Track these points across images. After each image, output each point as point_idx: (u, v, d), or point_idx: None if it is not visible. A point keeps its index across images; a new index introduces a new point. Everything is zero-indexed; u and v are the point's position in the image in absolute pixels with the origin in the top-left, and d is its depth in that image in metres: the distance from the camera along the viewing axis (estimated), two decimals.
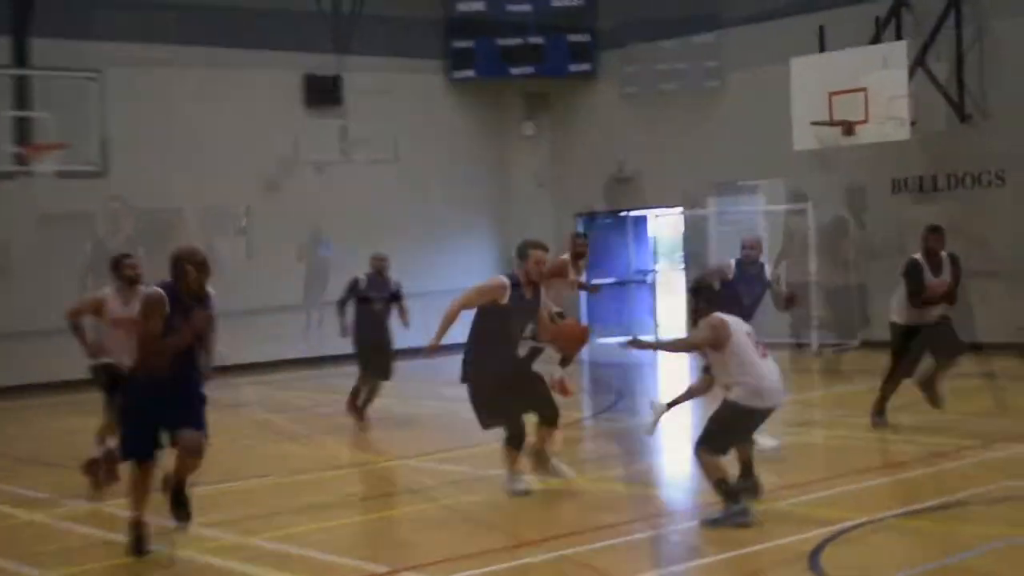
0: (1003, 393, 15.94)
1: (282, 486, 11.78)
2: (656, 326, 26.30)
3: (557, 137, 28.71)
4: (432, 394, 17.42)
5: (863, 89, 20.71)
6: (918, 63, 22.01)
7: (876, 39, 22.49)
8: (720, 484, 9.19)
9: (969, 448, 11.99)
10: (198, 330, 8.72)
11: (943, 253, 13.48)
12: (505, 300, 10.22)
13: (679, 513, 10.02)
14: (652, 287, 27.56)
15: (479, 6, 27.61)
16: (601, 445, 14.09)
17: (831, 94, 20.99)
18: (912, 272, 13.26)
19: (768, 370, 9.33)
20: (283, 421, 16.75)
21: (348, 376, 16.33)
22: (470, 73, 27.79)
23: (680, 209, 26.10)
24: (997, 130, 22.05)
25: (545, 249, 10.60)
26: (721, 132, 25.57)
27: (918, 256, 13.36)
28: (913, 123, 21.11)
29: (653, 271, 27.94)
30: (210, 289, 8.86)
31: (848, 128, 20.80)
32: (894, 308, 13.49)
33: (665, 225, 28.72)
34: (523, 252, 10.51)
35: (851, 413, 14.40)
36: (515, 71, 27.72)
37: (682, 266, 27.05)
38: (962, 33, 22.18)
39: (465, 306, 10.38)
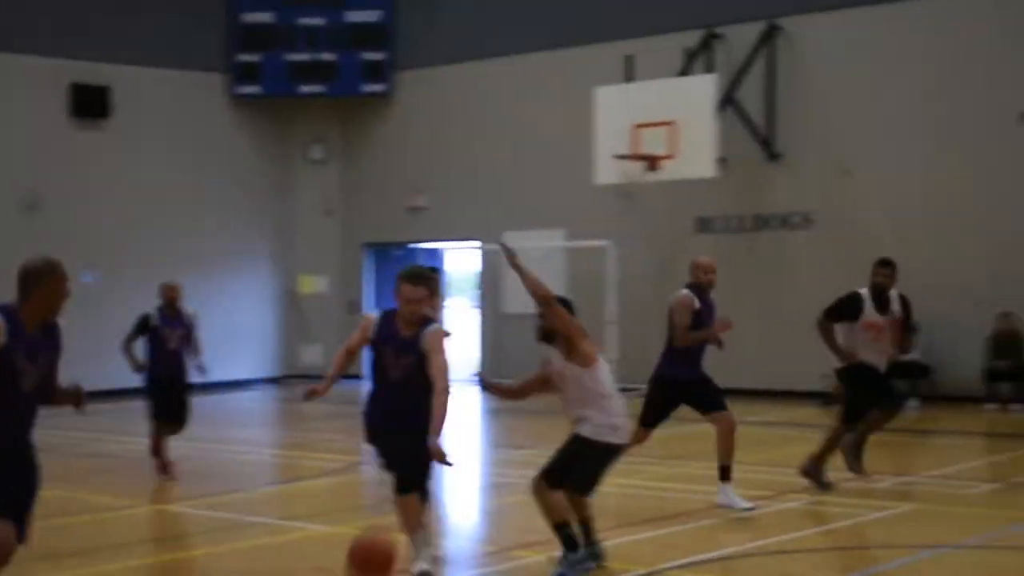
0: (803, 443, 16.52)
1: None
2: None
3: (348, 162, 28.83)
4: (201, 436, 17.33)
5: (670, 123, 21.32)
6: (728, 98, 22.76)
7: (685, 71, 23.19)
8: (561, 528, 9.21)
9: (760, 499, 12.46)
10: None
11: (893, 291, 13.00)
12: (371, 335, 9.36)
13: (461, 561, 10.21)
14: (443, 324, 27.81)
15: (267, 17, 27.61)
16: (381, 490, 14.20)
17: (636, 126, 21.56)
18: (847, 299, 12.92)
19: (622, 405, 9.42)
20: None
21: (109, 415, 16.12)
22: (255, 89, 27.76)
23: (476, 243, 26.43)
24: (807, 170, 22.90)
25: (417, 282, 9.28)
26: (521, 162, 26.02)
27: (863, 290, 12.93)
28: (721, 160, 21.83)
29: (444, 308, 28.19)
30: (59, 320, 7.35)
31: (653, 163, 21.36)
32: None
33: (460, 259, 29.04)
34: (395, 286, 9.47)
35: (645, 461, 14.78)
36: (304, 89, 27.78)
37: (476, 303, 27.34)
38: (775, 69, 23.01)
39: (348, 348, 9.59)
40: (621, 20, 24.67)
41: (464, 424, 22.05)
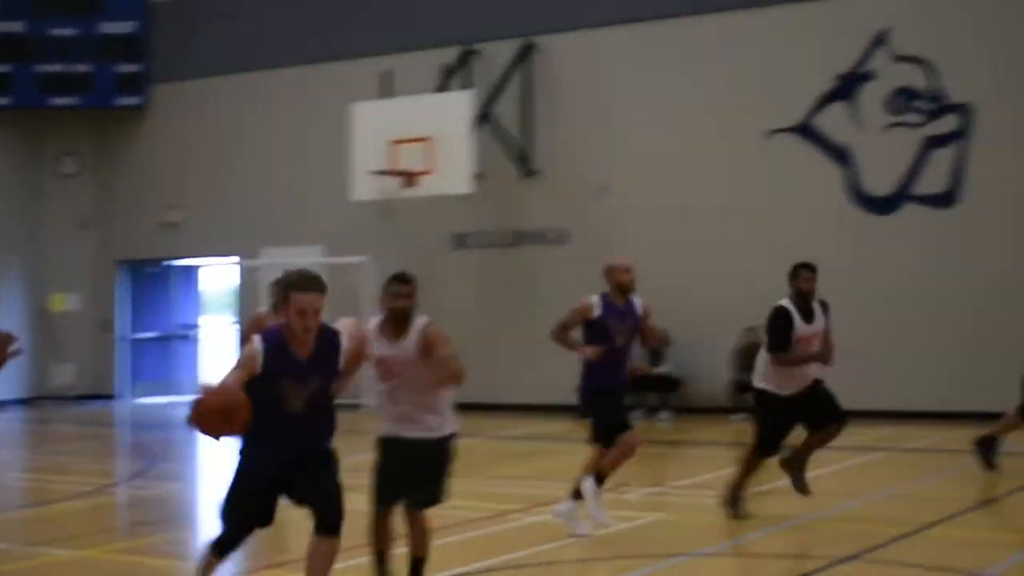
0: (557, 456, 16.82)
1: None
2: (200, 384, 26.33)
3: (102, 176, 28.33)
4: None
5: (427, 139, 21.52)
6: (485, 114, 23.05)
7: (443, 87, 23.41)
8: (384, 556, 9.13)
9: (511, 512, 12.64)
10: None
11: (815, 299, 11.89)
12: (259, 367, 7.60)
13: None
14: (197, 343, 27.61)
15: (17, 26, 27.02)
16: (133, 513, 14.04)
17: (393, 142, 21.70)
18: (776, 321, 11.71)
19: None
20: None
21: None
22: (5, 100, 27.16)
23: (234, 259, 26.22)
24: (563, 186, 23.30)
25: (308, 288, 7.57)
26: (278, 177, 25.94)
27: (785, 302, 11.79)
28: (478, 176, 22.09)
29: (199, 326, 27.99)
30: None
31: (410, 179, 21.52)
32: (759, 371, 12.05)
33: (216, 276, 28.83)
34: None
35: None
36: (56, 101, 27.23)
37: (234, 320, 27.11)
38: (531, 86, 23.37)
39: (234, 380, 7.58)
40: (378, 36, 24.78)
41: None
